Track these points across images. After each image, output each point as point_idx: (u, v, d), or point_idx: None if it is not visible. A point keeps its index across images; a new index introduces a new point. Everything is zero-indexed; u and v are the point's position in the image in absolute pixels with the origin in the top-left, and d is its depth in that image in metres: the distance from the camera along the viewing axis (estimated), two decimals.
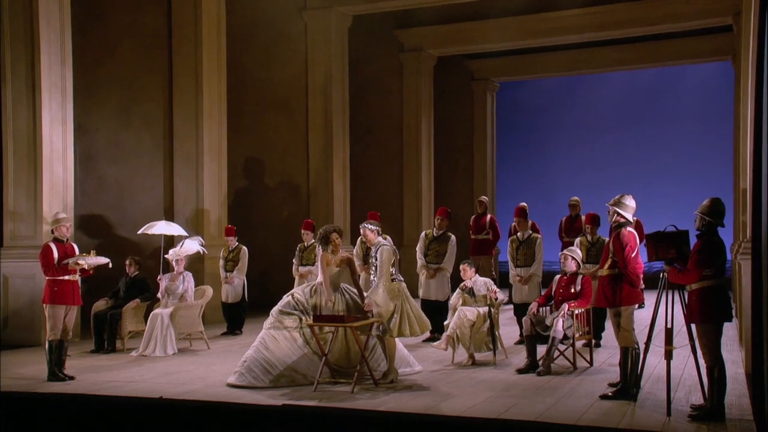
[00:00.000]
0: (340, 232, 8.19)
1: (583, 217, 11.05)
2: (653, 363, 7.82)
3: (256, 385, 7.54)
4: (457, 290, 9.10)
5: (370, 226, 7.91)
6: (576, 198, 13.47)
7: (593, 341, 9.07)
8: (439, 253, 10.48)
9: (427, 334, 10.48)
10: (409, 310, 7.71)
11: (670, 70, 20.21)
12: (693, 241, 6.31)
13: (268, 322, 7.94)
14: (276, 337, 7.79)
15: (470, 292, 8.96)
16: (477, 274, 9.27)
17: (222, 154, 13.27)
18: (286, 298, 8.03)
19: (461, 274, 9.16)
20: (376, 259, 7.76)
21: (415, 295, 11.13)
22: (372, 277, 7.91)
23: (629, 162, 20.72)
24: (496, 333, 8.83)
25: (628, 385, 6.95)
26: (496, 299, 8.90)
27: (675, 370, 6.88)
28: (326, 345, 7.78)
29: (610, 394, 6.99)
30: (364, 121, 17.52)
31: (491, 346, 8.71)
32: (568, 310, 8.28)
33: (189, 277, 10.52)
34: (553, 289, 8.65)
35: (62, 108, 10.95)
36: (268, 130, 15.67)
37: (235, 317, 11.67)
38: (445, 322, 8.97)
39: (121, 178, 13.45)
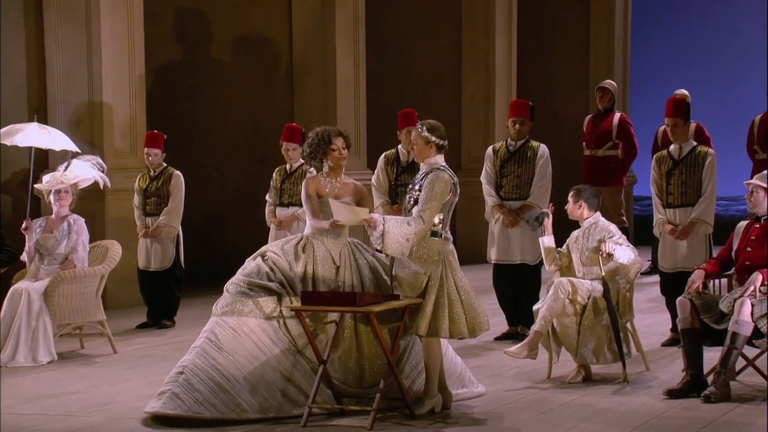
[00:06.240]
0: (347, 139, 8.18)
1: None
2: None
3: (202, 416, 7.60)
4: (550, 246, 9.12)
5: (425, 131, 7.84)
6: None
7: None
8: (521, 180, 10.56)
9: (505, 329, 10.56)
10: (452, 291, 7.72)
11: None
12: None
13: (223, 303, 8.00)
14: (237, 330, 7.84)
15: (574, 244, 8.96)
16: (595, 213, 9.14)
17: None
18: (252, 262, 8.10)
19: (567, 209, 9.13)
20: (419, 191, 7.70)
21: (482, 260, 11.15)
22: None
23: None
24: (629, 327, 8.84)
25: None
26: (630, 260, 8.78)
27: None
28: (325, 347, 7.81)
29: None
30: None
31: (618, 351, 8.73)
32: (762, 285, 8.22)
33: (79, 224, 10.56)
34: (735, 248, 8.65)
35: None
36: None
37: (161, 297, 11.83)
38: (535, 306, 8.98)
39: None
